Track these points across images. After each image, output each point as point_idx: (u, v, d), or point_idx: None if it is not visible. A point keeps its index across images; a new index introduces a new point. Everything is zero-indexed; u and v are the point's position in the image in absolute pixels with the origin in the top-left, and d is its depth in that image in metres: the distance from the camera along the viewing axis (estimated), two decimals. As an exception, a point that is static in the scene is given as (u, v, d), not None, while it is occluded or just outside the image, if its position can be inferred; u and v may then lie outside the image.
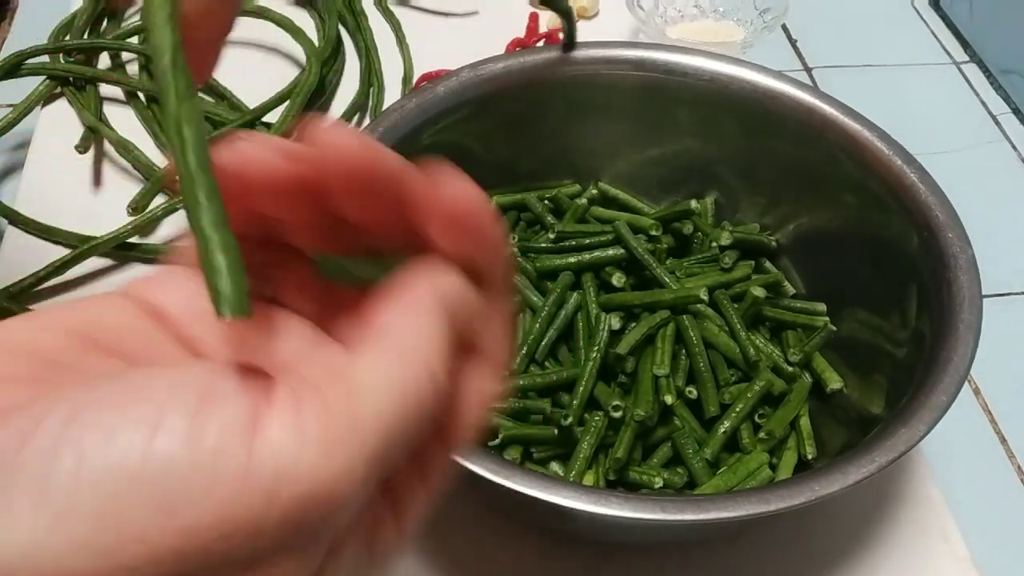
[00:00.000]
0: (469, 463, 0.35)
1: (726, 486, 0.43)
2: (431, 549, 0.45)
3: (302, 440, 0.16)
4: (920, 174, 0.46)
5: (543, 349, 0.47)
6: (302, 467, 0.16)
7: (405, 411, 0.17)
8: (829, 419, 0.47)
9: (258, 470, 0.15)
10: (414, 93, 0.49)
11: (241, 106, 0.65)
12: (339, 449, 0.16)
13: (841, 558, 0.45)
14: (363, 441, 0.16)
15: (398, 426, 0.17)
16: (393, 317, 0.19)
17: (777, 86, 0.50)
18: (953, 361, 0.39)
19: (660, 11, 0.74)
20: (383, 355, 0.18)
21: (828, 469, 0.36)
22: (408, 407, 0.17)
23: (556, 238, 0.52)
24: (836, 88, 0.72)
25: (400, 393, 0.17)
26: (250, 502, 0.15)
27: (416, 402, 0.18)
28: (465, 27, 0.75)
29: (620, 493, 0.36)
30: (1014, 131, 0.71)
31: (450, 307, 0.19)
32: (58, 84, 0.66)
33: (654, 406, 0.44)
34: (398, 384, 0.17)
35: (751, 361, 0.47)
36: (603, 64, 0.52)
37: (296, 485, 0.16)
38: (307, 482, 0.16)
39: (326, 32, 0.70)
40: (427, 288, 0.19)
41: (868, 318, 0.48)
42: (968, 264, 0.42)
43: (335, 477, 0.16)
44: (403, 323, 0.19)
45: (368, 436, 0.17)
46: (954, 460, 0.51)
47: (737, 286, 0.50)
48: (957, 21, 0.80)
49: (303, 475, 0.16)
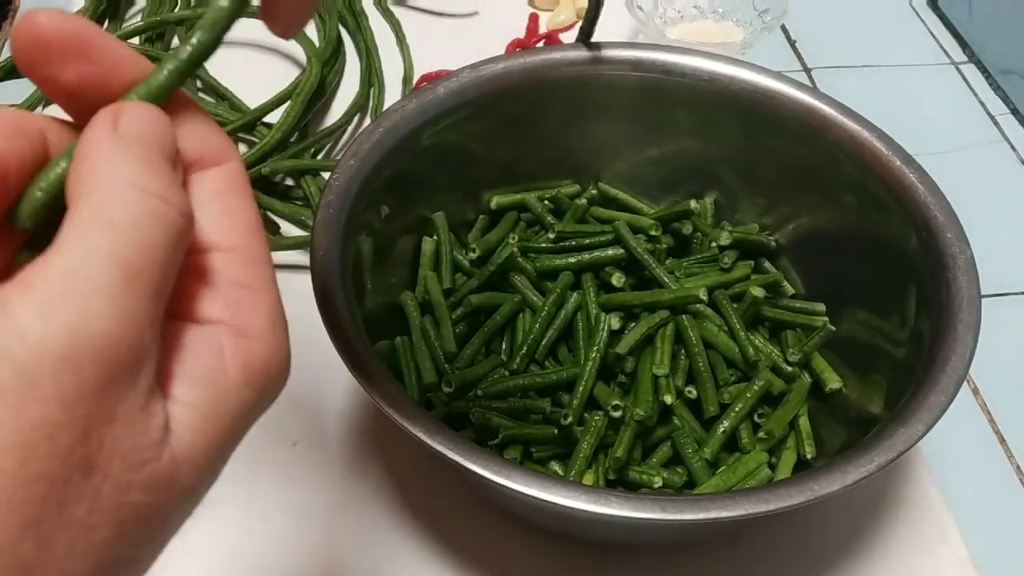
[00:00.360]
0: (469, 462, 0.35)
1: (725, 486, 0.43)
2: (431, 548, 0.45)
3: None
4: (919, 174, 0.46)
5: (543, 349, 0.48)
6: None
7: (138, 242, 0.19)
8: (828, 419, 0.47)
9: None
10: (414, 93, 0.49)
11: (242, 106, 0.65)
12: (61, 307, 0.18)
13: (840, 558, 0.45)
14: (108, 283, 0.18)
15: (143, 258, 0.19)
16: (79, 175, 0.20)
17: (776, 86, 0.50)
18: (952, 361, 0.39)
19: (659, 12, 0.74)
20: (81, 214, 0.19)
21: (827, 469, 0.36)
22: (139, 236, 0.19)
23: (556, 238, 0.52)
24: (835, 88, 0.72)
25: (120, 235, 0.19)
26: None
27: (148, 222, 0.19)
28: (465, 28, 0.76)
29: (620, 493, 0.36)
30: (1013, 131, 0.71)
31: (129, 132, 0.21)
32: (59, 84, 0.66)
33: (654, 406, 0.44)
34: (115, 230, 0.19)
35: (750, 361, 0.47)
36: (603, 65, 0.52)
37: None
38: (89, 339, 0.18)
39: (327, 33, 0.70)
40: (97, 129, 0.21)
41: (867, 318, 0.48)
42: (967, 264, 0.42)
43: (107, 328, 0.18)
44: (87, 168, 0.20)
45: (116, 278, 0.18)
46: (953, 460, 0.51)
47: (736, 286, 0.50)
48: (956, 22, 0.80)
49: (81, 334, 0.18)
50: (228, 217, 0.22)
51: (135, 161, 0.20)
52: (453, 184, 0.53)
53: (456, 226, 0.53)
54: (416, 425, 0.36)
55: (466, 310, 0.49)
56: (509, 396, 0.45)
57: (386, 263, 0.49)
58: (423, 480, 0.46)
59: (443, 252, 0.51)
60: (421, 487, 0.46)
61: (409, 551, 0.45)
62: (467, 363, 0.47)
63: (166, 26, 0.70)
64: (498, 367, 0.47)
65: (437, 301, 0.49)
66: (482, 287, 0.50)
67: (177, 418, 0.20)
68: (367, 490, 0.46)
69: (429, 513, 0.46)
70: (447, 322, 0.48)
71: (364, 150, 0.46)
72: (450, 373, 0.46)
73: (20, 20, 0.21)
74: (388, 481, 0.47)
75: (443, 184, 0.52)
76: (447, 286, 0.50)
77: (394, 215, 0.48)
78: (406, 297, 0.50)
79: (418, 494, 0.46)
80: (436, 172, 0.51)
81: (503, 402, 0.45)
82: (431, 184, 0.51)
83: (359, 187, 0.45)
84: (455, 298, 0.50)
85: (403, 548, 0.45)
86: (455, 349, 0.47)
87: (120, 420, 0.18)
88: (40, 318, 0.17)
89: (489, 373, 0.47)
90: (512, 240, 0.52)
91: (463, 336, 0.49)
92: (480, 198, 0.55)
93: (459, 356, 0.47)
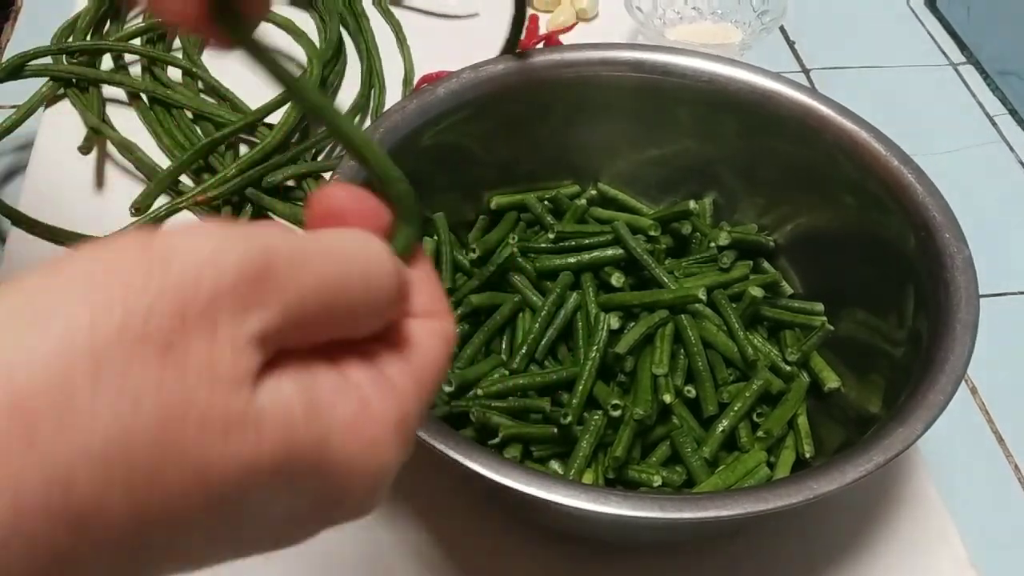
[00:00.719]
0: (469, 461, 0.35)
1: (724, 485, 0.44)
2: (430, 547, 0.45)
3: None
4: (917, 175, 0.46)
5: (543, 348, 0.48)
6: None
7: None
8: (827, 418, 0.47)
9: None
10: (415, 94, 0.49)
11: (243, 107, 0.65)
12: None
13: (839, 556, 0.46)
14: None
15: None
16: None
17: (775, 87, 0.50)
18: (950, 360, 0.39)
19: (659, 13, 0.74)
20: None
21: (826, 468, 0.36)
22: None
23: (556, 238, 0.52)
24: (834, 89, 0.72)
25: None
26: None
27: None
28: (465, 28, 0.76)
29: (619, 491, 0.37)
30: (1011, 132, 0.71)
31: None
32: (61, 85, 0.66)
33: (653, 405, 0.44)
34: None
35: (749, 360, 0.47)
36: (602, 65, 0.52)
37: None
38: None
39: (327, 34, 0.70)
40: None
41: (866, 318, 0.48)
42: (965, 264, 0.43)
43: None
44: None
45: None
46: (951, 459, 0.51)
47: (735, 286, 0.50)
48: (954, 22, 0.80)
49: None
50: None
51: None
52: (453, 184, 0.53)
53: (456, 226, 0.53)
54: (417, 424, 0.36)
55: (466, 310, 0.49)
56: (509, 395, 0.46)
57: (386, 263, 0.49)
58: (423, 479, 0.47)
59: (443, 252, 0.51)
60: (421, 486, 0.47)
61: (409, 550, 0.45)
62: (467, 362, 0.47)
63: (167, 27, 0.71)
64: (498, 367, 0.48)
65: (437, 301, 0.49)
66: (482, 287, 0.50)
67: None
68: (368, 489, 0.47)
69: (429, 512, 0.46)
70: (447, 322, 0.48)
71: (365, 151, 0.46)
72: (450, 372, 0.46)
73: (319, 192, 0.23)
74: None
75: (443, 184, 0.52)
76: (447, 286, 0.51)
77: (394, 215, 0.48)
78: (406, 297, 0.50)
79: (418, 493, 0.46)
80: (436, 172, 0.51)
81: (503, 401, 0.45)
82: (431, 184, 0.51)
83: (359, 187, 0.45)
84: (455, 298, 0.50)
85: (403, 547, 0.45)
86: (455, 349, 0.48)
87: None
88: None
89: (489, 372, 0.47)
90: (512, 240, 0.52)
91: (463, 336, 0.49)
92: (480, 198, 0.55)
93: (459, 355, 0.47)
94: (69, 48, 0.67)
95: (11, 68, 0.65)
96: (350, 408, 0.20)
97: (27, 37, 0.72)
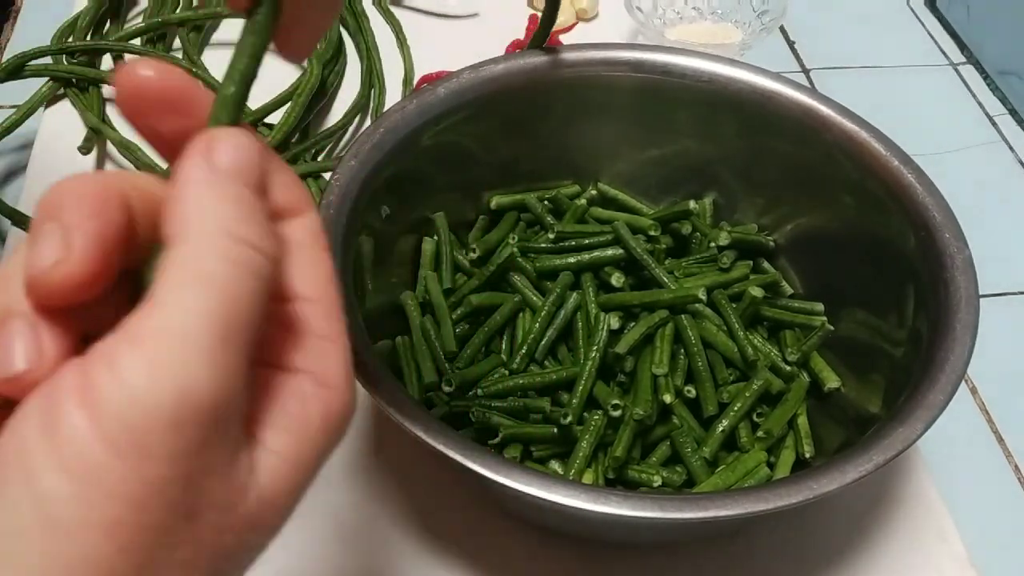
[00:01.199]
0: (469, 461, 0.35)
1: (724, 484, 0.44)
2: (430, 547, 0.45)
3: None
4: (917, 175, 0.46)
5: (543, 348, 0.48)
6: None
7: (234, 298, 0.20)
8: (827, 418, 0.47)
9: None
10: (415, 94, 0.49)
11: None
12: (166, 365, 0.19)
13: (839, 556, 0.46)
14: (196, 343, 0.19)
15: (238, 315, 0.20)
16: (173, 219, 0.21)
17: (775, 87, 0.50)
18: (950, 360, 0.39)
19: (659, 13, 0.74)
20: (175, 271, 0.20)
21: (826, 468, 0.36)
22: (234, 291, 0.20)
23: (556, 238, 0.52)
24: (834, 89, 0.72)
25: (208, 281, 0.20)
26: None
27: (242, 276, 0.20)
28: (465, 28, 0.76)
29: (619, 491, 0.37)
30: (1011, 132, 0.71)
31: (223, 164, 0.22)
32: (61, 85, 0.66)
33: (653, 405, 0.44)
34: (201, 279, 0.20)
35: (749, 360, 0.47)
36: (602, 65, 0.52)
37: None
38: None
39: (327, 34, 0.70)
40: (192, 165, 0.22)
41: (866, 318, 0.48)
42: (965, 264, 0.43)
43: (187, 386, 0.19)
44: (183, 211, 0.21)
45: (201, 332, 0.19)
46: (951, 459, 0.51)
47: (735, 286, 0.50)
48: (954, 22, 0.80)
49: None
50: (312, 268, 0.23)
51: (229, 204, 0.21)
52: (453, 184, 0.53)
53: (456, 226, 0.54)
54: (416, 424, 0.36)
55: (466, 310, 0.49)
56: (509, 395, 0.46)
57: (387, 263, 0.49)
58: (423, 479, 0.47)
59: (443, 252, 0.51)
60: (421, 486, 0.47)
61: (409, 550, 0.45)
62: (467, 363, 0.47)
63: (167, 27, 0.71)
64: (498, 366, 0.48)
65: (437, 301, 0.49)
66: (482, 287, 0.50)
67: (263, 463, 0.21)
68: (367, 489, 0.47)
69: (429, 512, 0.46)
70: (447, 322, 0.48)
71: (365, 151, 0.46)
72: (450, 372, 0.46)
73: (123, 69, 0.22)
74: (388, 480, 0.47)
75: (443, 184, 0.52)
76: (447, 286, 0.51)
77: (394, 215, 0.48)
78: (407, 297, 0.50)
79: (418, 493, 0.47)
80: (436, 172, 0.51)
81: (503, 401, 0.45)
82: (431, 184, 0.51)
83: (360, 188, 0.45)
84: (455, 298, 0.50)
85: (403, 547, 0.45)
86: (455, 349, 0.48)
87: (215, 470, 0.20)
88: (149, 379, 0.18)
89: (489, 372, 0.47)
90: (512, 240, 0.52)
91: (463, 336, 0.49)
92: (480, 198, 0.55)
93: (459, 356, 0.48)
94: (69, 48, 0.67)
95: (11, 68, 0.65)
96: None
97: (27, 37, 0.72)
